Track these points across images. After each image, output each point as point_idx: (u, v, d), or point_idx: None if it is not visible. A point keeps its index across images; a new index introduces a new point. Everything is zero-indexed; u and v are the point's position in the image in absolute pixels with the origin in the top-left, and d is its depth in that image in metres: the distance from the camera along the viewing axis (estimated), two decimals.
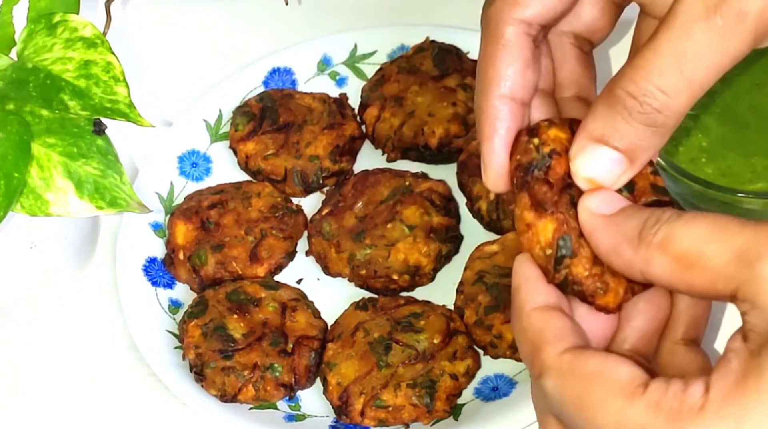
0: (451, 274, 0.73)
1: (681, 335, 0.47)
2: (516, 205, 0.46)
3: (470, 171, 0.75)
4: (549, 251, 0.44)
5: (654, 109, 0.43)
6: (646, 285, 0.45)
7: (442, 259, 0.73)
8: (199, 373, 0.69)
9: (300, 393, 0.70)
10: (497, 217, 0.73)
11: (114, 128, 0.65)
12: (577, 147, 0.45)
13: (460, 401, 0.68)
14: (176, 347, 0.72)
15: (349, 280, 0.74)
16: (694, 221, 0.41)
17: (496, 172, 0.47)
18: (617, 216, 0.43)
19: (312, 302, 0.74)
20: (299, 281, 0.75)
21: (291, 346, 0.70)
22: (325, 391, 0.69)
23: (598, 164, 0.44)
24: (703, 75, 0.42)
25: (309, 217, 0.77)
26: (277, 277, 0.75)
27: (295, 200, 0.79)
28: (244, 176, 0.80)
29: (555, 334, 0.43)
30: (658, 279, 0.42)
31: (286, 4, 0.83)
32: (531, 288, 0.45)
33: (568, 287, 0.45)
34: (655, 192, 0.46)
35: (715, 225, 0.40)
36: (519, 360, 0.68)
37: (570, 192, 0.45)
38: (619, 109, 0.43)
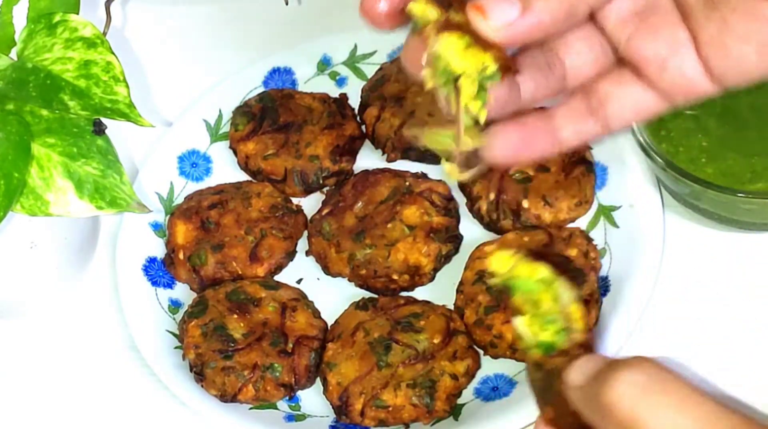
0: (451, 274, 0.73)
1: None
2: None
3: None
4: None
5: None
6: None
7: (442, 259, 0.73)
8: (199, 373, 0.69)
9: (300, 393, 0.70)
10: (497, 217, 0.73)
11: (114, 128, 0.65)
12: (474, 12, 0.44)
13: (460, 401, 0.68)
14: (176, 347, 0.72)
15: (349, 280, 0.74)
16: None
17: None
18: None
19: (312, 302, 0.74)
20: (299, 281, 0.75)
21: (291, 346, 0.70)
22: (325, 391, 0.69)
23: (495, 11, 0.44)
24: None
25: (309, 217, 0.77)
26: (277, 277, 0.75)
27: (295, 200, 0.79)
28: (244, 176, 0.80)
29: None
30: None
31: (286, 4, 0.83)
32: None
33: None
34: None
35: None
36: (519, 360, 0.68)
37: None
38: None
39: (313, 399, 0.70)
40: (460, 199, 0.76)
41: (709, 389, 0.40)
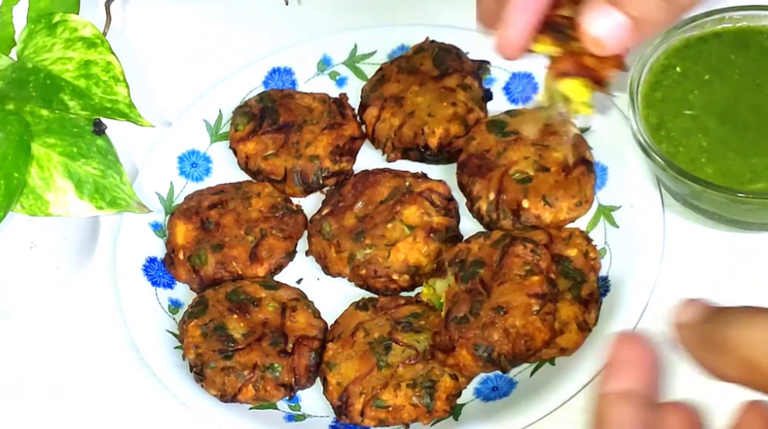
0: None
1: None
2: None
3: (470, 171, 0.75)
4: None
5: None
6: None
7: None
8: (199, 373, 0.69)
9: (300, 393, 0.70)
10: (497, 217, 0.73)
11: (114, 128, 0.65)
12: (591, 6, 0.51)
13: (460, 401, 0.68)
14: (176, 347, 0.72)
15: (349, 280, 0.74)
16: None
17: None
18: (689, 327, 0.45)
19: (312, 302, 0.74)
20: (299, 281, 0.75)
21: (291, 346, 0.70)
22: (325, 391, 0.69)
23: (606, 26, 0.51)
24: None
25: (309, 217, 0.77)
26: (277, 277, 0.75)
27: (295, 200, 0.79)
28: (244, 176, 0.80)
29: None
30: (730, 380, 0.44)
31: (286, 4, 0.83)
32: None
33: None
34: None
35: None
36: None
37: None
38: None
39: (313, 399, 0.70)
40: (460, 199, 0.76)
41: None
